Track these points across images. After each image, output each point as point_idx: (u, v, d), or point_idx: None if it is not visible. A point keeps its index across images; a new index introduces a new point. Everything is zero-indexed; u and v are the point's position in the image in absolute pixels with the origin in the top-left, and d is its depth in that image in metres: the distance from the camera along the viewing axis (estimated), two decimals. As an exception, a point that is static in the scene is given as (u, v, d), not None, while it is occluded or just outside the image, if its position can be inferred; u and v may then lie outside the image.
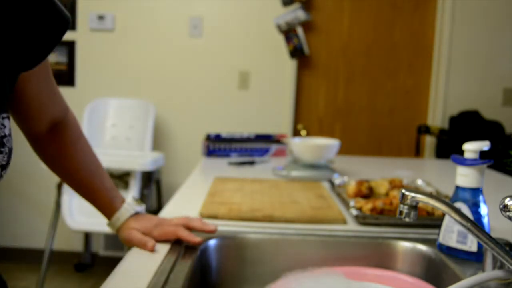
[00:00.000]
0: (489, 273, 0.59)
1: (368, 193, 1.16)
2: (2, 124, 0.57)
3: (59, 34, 0.61)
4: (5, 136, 0.57)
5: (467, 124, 2.80)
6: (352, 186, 1.17)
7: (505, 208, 0.54)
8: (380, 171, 1.62)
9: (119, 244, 2.89)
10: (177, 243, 0.81)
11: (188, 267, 0.72)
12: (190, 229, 0.82)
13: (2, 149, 0.57)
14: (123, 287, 0.65)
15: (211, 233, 0.84)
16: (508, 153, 1.04)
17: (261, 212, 1.00)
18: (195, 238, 0.80)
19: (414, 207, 0.60)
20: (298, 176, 1.43)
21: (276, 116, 2.99)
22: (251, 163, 1.70)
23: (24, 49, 0.59)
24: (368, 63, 3.05)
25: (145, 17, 2.94)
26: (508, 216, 0.55)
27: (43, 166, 0.85)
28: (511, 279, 0.59)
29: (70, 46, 2.97)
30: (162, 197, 2.98)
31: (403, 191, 0.60)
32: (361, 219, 0.97)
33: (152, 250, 0.78)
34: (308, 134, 3.05)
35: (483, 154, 0.77)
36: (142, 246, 0.79)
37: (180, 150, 3.05)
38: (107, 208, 0.83)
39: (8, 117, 0.59)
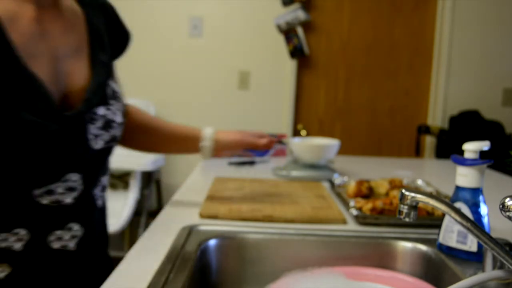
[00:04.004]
0: (489, 273, 0.59)
1: (368, 193, 1.16)
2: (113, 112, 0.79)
3: (127, 42, 0.91)
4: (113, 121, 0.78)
5: (467, 124, 2.80)
6: (352, 186, 1.17)
7: (505, 208, 0.54)
8: (380, 171, 1.62)
9: (119, 244, 2.89)
10: (177, 243, 0.81)
11: (188, 267, 0.72)
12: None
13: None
14: (123, 287, 0.65)
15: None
16: (508, 153, 1.04)
17: (261, 212, 1.00)
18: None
19: (414, 207, 0.60)
20: (298, 176, 1.43)
21: (276, 116, 3.00)
22: (251, 163, 1.70)
23: (113, 47, 0.86)
24: (368, 63, 3.05)
25: (145, 17, 2.94)
26: (508, 216, 0.55)
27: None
28: (511, 279, 0.59)
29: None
30: (162, 197, 2.98)
31: (403, 191, 0.60)
32: (361, 219, 0.97)
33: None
34: (308, 134, 3.05)
35: (483, 154, 0.77)
36: (259, 143, 1.04)
37: (180, 150, 3.04)
38: (193, 137, 1.02)
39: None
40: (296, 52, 2.93)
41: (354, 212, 1.00)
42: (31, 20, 0.70)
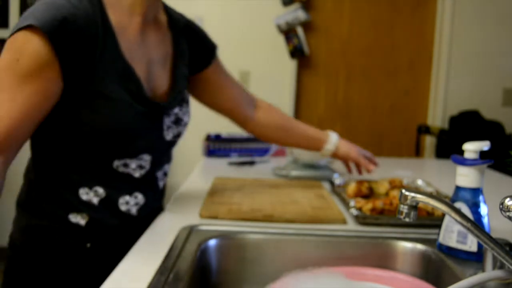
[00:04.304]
0: (489, 273, 0.59)
1: (368, 193, 1.16)
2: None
3: (213, 53, 1.10)
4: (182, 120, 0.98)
5: (467, 124, 2.80)
6: (352, 186, 1.17)
7: (505, 208, 0.54)
8: (380, 171, 1.62)
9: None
10: (177, 243, 0.81)
11: (188, 267, 0.72)
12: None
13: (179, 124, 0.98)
14: (123, 287, 0.65)
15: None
16: (508, 153, 1.04)
17: (261, 212, 1.00)
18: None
19: (414, 207, 0.60)
20: (298, 176, 1.43)
21: (276, 116, 2.99)
22: (251, 163, 1.70)
23: (197, 60, 1.06)
24: (368, 63, 3.05)
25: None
26: (508, 216, 0.55)
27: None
28: (511, 279, 0.59)
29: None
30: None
31: (403, 191, 0.60)
32: (361, 219, 0.97)
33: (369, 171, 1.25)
34: (308, 134, 3.05)
35: (483, 154, 0.77)
36: (365, 166, 1.24)
37: (180, 150, 3.04)
38: (318, 140, 1.24)
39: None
40: (296, 52, 2.93)
41: (354, 212, 1.00)
42: (137, 31, 0.88)
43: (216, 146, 1.85)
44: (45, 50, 0.74)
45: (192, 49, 1.04)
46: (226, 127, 3.07)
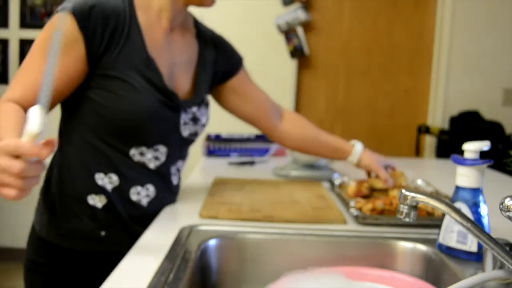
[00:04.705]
0: (489, 273, 0.59)
1: (368, 193, 1.16)
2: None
3: (239, 64, 1.19)
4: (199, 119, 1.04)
5: (467, 124, 2.80)
6: (352, 186, 1.17)
7: (505, 208, 0.54)
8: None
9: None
10: (177, 243, 0.81)
11: (188, 267, 0.72)
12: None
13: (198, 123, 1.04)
14: (123, 287, 0.65)
15: None
16: (508, 153, 1.04)
17: (261, 212, 1.00)
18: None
19: (414, 207, 0.60)
20: (298, 176, 1.43)
21: (276, 116, 2.99)
22: (251, 163, 1.70)
23: (224, 70, 1.14)
24: (368, 63, 3.05)
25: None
26: (508, 216, 0.55)
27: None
28: (511, 279, 0.59)
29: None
30: (162, 197, 2.98)
31: (403, 191, 0.60)
32: (361, 219, 0.97)
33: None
34: (308, 134, 3.05)
35: (483, 154, 0.77)
36: (384, 179, 1.19)
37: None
38: (343, 151, 1.25)
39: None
40: (296, 52, 2.93)
41: (354, 212, 1.00)
42: (163, 33, 0.96)
43: (216, 146, 1.85)
44: (73, 29, 0.84)
45: (219, 60, 1.12)
46: (226, 127, 3.08)
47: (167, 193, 1.03)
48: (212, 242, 0.84)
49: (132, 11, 0.91)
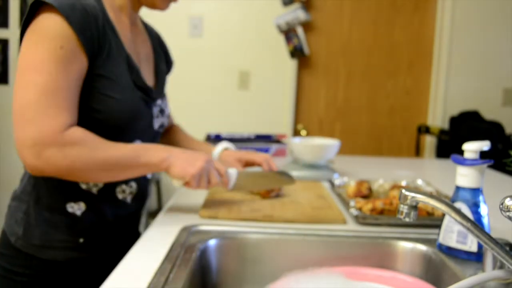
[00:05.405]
0: (489, 273, 0.59)
1: (368, 194, 1.16)
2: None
3: (169, 69, 1.20)
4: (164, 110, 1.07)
5: (467, 124, 2.80)
6: (352, 186, 1.17)
7: (505, 208, 0.54)
8: (380, 171, 1.62)
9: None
10: (177, 243, 0.81)
11: (188, 267, 0.72)
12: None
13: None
14: (123, 287, 0.65)
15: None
16: (508, 153, 1.04)
17: (261, 212, 1.00)
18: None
19: (414, 207, 0.60)
20: (298, 176, 1.43)
21: (276, 116, 2.99)
22: (251, 163, 1.70)
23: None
24: (368, 63, 3.05)
25: (144, 17, 2.94)
26: (508, 216, 0.55)
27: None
28: (511, 279, 0.59)
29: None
30: (162, 197, 2.98)
31: (403, 191, 0.60)
32: (361, 219, 0.97)
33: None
34: (308, 134, 3.05)
35: (483, 154, 0.77)
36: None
37: (180, 150, 3.04)
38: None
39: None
40: (296, 52, 2.93)
41: (354, 212, 1.00)
42: (128, 28, 0.98)
43: (216, 146, 1.85)
44: (73, 39, 0.82)
45: (165, 55, 1.17)
46: (226, 127, 3.07)
47: (145, 186, 1.05)
48: (212, 242, 0.84)
49: (103, 9, 0.90)
